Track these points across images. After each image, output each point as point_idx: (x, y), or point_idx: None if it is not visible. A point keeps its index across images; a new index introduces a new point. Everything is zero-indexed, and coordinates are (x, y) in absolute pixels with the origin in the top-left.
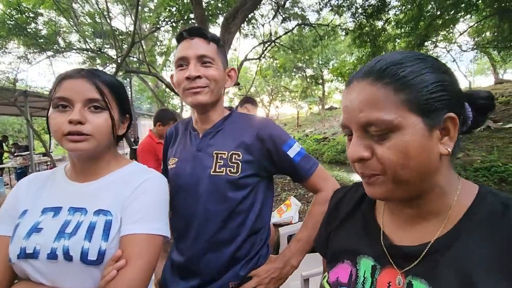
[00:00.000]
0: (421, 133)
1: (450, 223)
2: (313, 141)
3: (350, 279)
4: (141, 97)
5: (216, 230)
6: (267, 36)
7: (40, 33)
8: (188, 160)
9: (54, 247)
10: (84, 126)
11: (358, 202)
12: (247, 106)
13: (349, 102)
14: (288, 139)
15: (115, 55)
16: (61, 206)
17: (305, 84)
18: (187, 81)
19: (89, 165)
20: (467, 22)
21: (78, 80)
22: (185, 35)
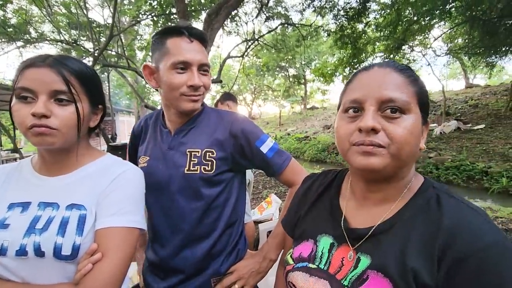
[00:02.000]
0: (419, 123)
1: (396, 208)
2: (294, 140)
3: (310, 254)
4: (120, 93)
5: (192, 227)
6: (250, 34)
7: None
8: (160, 158)
9: (24, 244)
10: (49, 120)
11: (326, 188)
12: (228, 103)
13: (372, 81)
14: (260, 135)
15: (92, 48)
16: (30, 201)
17: (288, 83)
18: (188, 88)
19: (59, 159)
20: (441, 28)
21: (42, 69)
22: (185, 33)
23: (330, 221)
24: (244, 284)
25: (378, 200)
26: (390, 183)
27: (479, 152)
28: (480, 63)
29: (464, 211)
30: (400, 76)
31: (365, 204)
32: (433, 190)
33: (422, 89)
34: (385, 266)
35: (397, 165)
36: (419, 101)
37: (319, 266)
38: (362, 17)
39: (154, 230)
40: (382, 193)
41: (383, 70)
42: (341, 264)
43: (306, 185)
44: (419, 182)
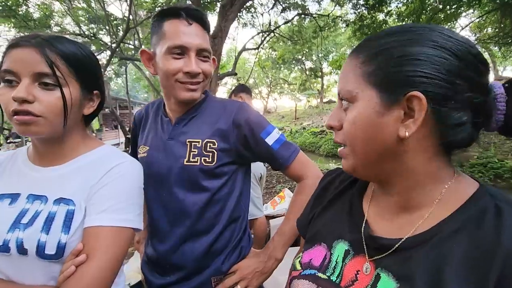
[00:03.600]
0: (374, 107)
1: (432, 219)
2: (310, 134)
3: (322, 263)
4: (137, 86)
5: (193, 221)
6: (266, 26)
7: (32, 16)
8: (160, 148)
9: (7, 239)
10: (32, 105)
11: (347, 186)
12: (242, 95)
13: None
14: (266, 126)
15: (110, 41)
16: (20, 193)
17: (304, 76)
18: (184, 74)
19: (51, 148)
20: (469, 17)
21: (26, 49)
22: (183, 15)
23: (347, 224)
24: (247, 285)
25: (402, 206)
26: (395, 184)
27: (508, 149)
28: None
29: None
30: (351, 61)
31: (390, 210)
32: (490, 199)
33: (380, 60)
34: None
35: (366, 164)
36: (376, 79)
37: (330, 278)
38: (383, 6)
39: (153, 224)
40: (400, 198)
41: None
42: (355, 278)
43: (326, 181)
44: (470, 188)
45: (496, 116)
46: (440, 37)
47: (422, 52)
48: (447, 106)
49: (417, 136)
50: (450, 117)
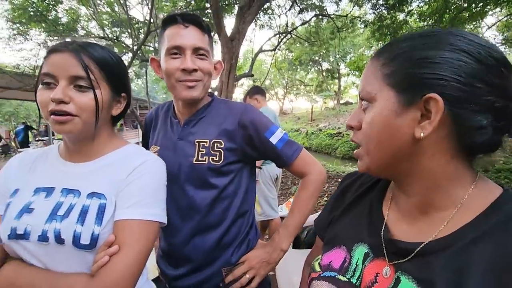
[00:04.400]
0: (391, 108)
1: (454, 224)
2: (326, 136)
3: (342, 265)
4: (157, 87)
5: (202, 216)
6: (283, 27)
7: (60, 20)
8: (170, 148)
9: (45, 229)
10: (68, 106)
11: (368, 189)
12: (257, 97)
13: None
14: (270, 126)
15: (132, 44)
16: (54, 187)
17: (321, 78)
18: (182, 72)
19: (81, 146)
20: (496, 16)
21: (64, 54)
22: (180, 21)
23: (367, 227)
24: (255, 274)
25: (418, 207)
26: (411, 184)
27: None
28: None
29: None
30: (373, 63)
31: (410, 213)
32: None
33: (399, 61)
34: None
35: (380, 164)
36: (394, 80)
37: (350, 280)
38: (404, 6)
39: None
40: (416, 199)
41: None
42: (375, 280)
43: (344, 184)
44: (494, 192)
45: None
46: (460, 41)
47: (440, 55)
48: (465, 108)
49: (435, 138)
50: (468, 120)
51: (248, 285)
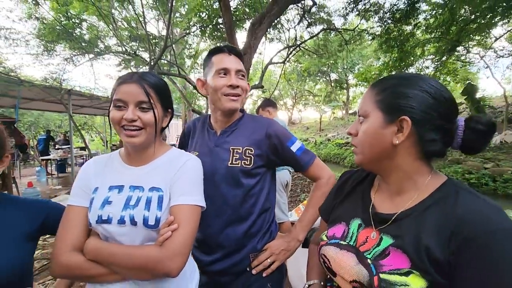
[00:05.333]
0: (379, 123)
1: (416, 200)
2: (335, 146)
3: (343, 234)
4: None
5: (234, 210)
6: (292, 41)
7: (84, 37)
8: (207, 154)
9: (123, 215)
10: (136, 122)
11: (360, 182)
12: (269, 109)
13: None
14: (291, 137)
15: (148, 57)
16: (123, 185)
17: (329, 88)
18: (228, 88)
19: (141, 153)
20: (504, 27)
21: (131, 84)
22: (226, 50)
23: (360, 207)
24: (275, 259)
25: (395, 191)
26: (391, 176)
27: None
28: None
29: (477, 202)
30: (371, 91)
31: (389, 194)
32: (454, 186)
33: (387, 93)
34: (403, 244)
35: (370, 161)
36: (382, 105)
37: (348, 243)
38: (411, 19)
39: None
40: (394, 186)
41: (368, 89)
42: (365, 240)
43: (343, 179)
44: (441, 180)
45: (457, 139)
46: (425, 84)
47: (411, 93)
48: (424, 127)
49: (405, 145)
50: (426, 135)
51: (269, 268)
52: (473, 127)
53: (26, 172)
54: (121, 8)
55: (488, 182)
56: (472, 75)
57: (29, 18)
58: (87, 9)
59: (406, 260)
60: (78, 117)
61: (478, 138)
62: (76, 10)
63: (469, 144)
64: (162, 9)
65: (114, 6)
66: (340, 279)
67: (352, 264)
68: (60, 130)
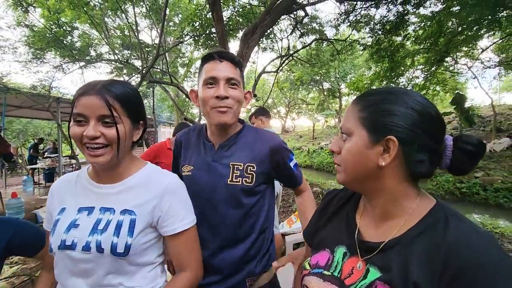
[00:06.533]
0: (363, 143)
1: (404, 227)
2: (328, 154)
3: (326, 263)
4: (162, 106)
5: (232, 231)
6: (285, 50)
7: (75, 45)
8: (204, 169)
9: (89, 241)
10: (99, 139)
11: (344, 203)
12: (262, 118)
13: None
14: (291, 154)
15: (141, 66)
16: (94, 206)
17: (322, 97)
18: (216, 99)
19: (110, 170)
20: (490, 39)
21: (91, 96)
22: (216, 57)
23: (345, 232)
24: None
25: (380, 216)
26: (376, 199)
27: None
28: None
29: (467, 232)
30: (353, 107)
31: (375, 219)
32: (442, 212)
33: (371, 110)
34: (391, 279)
35: (353, 180)
36: (367, 123)
37: (333, 274)
38: (400, 30)
39: None
40: (380, 209)
41: (350, 105)
42: (351, 272)
43: (327, 199)
44: (430, 204)
45: (445, 160)
46: (411, 100)
47: (397, 110)
48: (411, 147)
49: (391, 166)
50: (413, 156)
51: None
52: (463, 147)
53: (14, 181)
54: (114, 17)
55: (479, 191)
56: (460, 85)
57: (18, 25)
58: (79, 17)
59: None
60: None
61: (467, 159)
62: (68, 18)
63: (458, 165)
64: (155, 18)
65: (107, 14)
66: None
67: None
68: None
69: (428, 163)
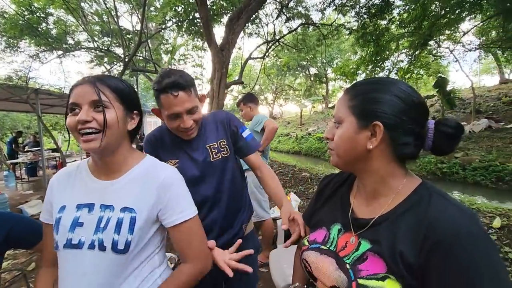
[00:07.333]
0: (353, 129)
1: (392, 204)
2: (315, 140)
3: (323, 239)
4: (147, 95)
5: (228, 195)
6: (271, 35)
7: (51, 32)
8: (188, 158)
9: (94, 239)
10: (91, 123)
11: (339, 186)
12: (250, 105)
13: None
14: (243, 125)
15: (123, 54)
16: (94, 203)
17: (309, 82)
18: (183, 128)
19: (108, 162)
20: (472, 22)
21: (83, 86)
22: (169, 91)
23: (340, 212)
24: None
25: (371, 194)
26: (366, 179)
27: (510, 153)
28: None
29: (449, 207)
30: (344, 96)
31: (366, 198)
32: (427, 190)
33: (360, 99)
34: (380, 249)
35: (345, 163)
36: (356, 111)
37: (329, 248)
38: (385, 14)
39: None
40: (370, 189)
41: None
42: (345, 245)
43: (323, 183)
44: (416, 183)
45: (428, 142)
46: (396, 89)
47: (383, 98)
48: (397, 132)
49: (379, 149)
50: (398, 139)
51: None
52: (443, 130)
53: None
54: (91, 1)
55: (458, 171)
56: (443, 68)
57: None
58: (53, 2)
59: (383, 265)
60: (49, 117)
61: (447, 141)
62: (40, 3)
63: (439, 146)
64: (135, 2)
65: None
66: (320, 284)
67: (331, 269)
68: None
69: (412, 145)
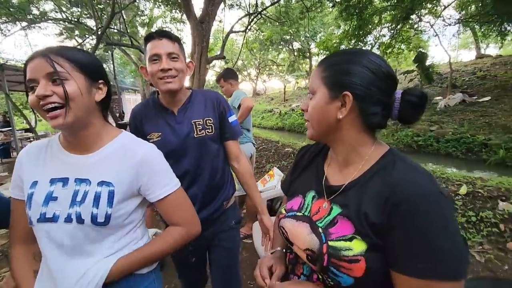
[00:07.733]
0: (325, 99)
1: (360, 171)
2: (298, 116)
3: (299, 206)
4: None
5: (210, 171)
6: (253, 7)
7: (12, 1)
8: (171, 132)
9: (70, 213)
10: (52, 97)
11: (315, 156)
12: (231, 82)
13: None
14: (231, 110)
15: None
16: (68, 177)
17: (292, 57)
18: (161, 72)
19: (80, 136)
20: None
21: (36, 59)
22: (155, 36)
23: (314, 180)
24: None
25: (342, 162)
26: (338, 147)
27: (481, 125)
28: (492, 32)
29: (410, 171)
30: (317, 68)
31: (339, 166)
32: (392, 156)
33: (332, 70)
34: (349, 212)
35: (319, 133)
36: (327, 81)
37: (304, 214)
38: None
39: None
40: (341, 156)
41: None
42: (318, 210)
43: (300, 154)
44: (384, 150)
45: (394, 111)
46: (367, 61)
47: (354, 69)
48: (365, 101)
49: (349, 118)
50: (367, 109)
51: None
52: (408, 99)
53: None
54: None
55: (432, 143)
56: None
57: None
58: None
59: (351, 226)
60: (18, 95)
61: (412, 109)
62: None
63: (405, 115)
64: None
65: None
66: (296, 247)
67: (305, 233)
68: None
69: (380, 115)
